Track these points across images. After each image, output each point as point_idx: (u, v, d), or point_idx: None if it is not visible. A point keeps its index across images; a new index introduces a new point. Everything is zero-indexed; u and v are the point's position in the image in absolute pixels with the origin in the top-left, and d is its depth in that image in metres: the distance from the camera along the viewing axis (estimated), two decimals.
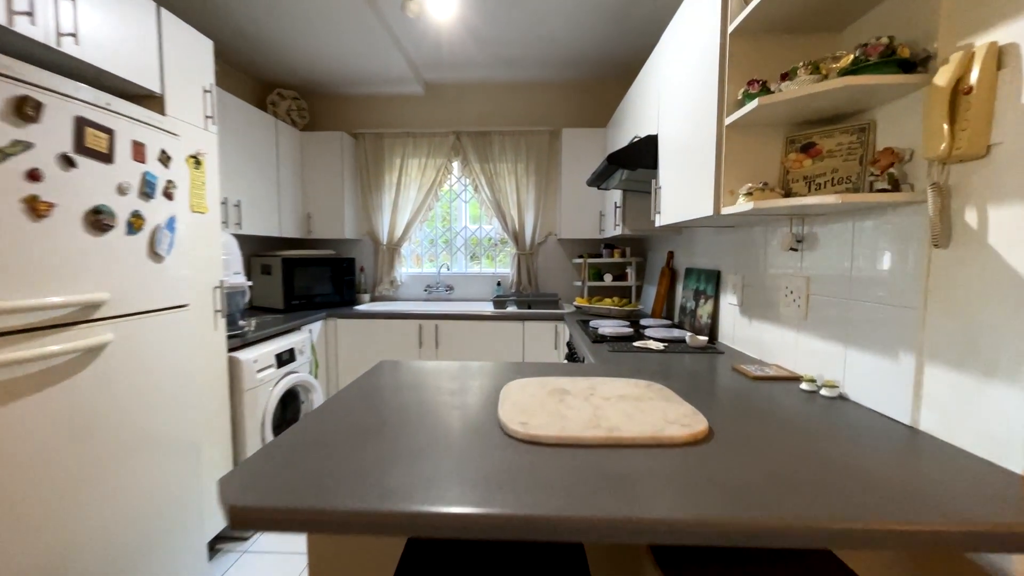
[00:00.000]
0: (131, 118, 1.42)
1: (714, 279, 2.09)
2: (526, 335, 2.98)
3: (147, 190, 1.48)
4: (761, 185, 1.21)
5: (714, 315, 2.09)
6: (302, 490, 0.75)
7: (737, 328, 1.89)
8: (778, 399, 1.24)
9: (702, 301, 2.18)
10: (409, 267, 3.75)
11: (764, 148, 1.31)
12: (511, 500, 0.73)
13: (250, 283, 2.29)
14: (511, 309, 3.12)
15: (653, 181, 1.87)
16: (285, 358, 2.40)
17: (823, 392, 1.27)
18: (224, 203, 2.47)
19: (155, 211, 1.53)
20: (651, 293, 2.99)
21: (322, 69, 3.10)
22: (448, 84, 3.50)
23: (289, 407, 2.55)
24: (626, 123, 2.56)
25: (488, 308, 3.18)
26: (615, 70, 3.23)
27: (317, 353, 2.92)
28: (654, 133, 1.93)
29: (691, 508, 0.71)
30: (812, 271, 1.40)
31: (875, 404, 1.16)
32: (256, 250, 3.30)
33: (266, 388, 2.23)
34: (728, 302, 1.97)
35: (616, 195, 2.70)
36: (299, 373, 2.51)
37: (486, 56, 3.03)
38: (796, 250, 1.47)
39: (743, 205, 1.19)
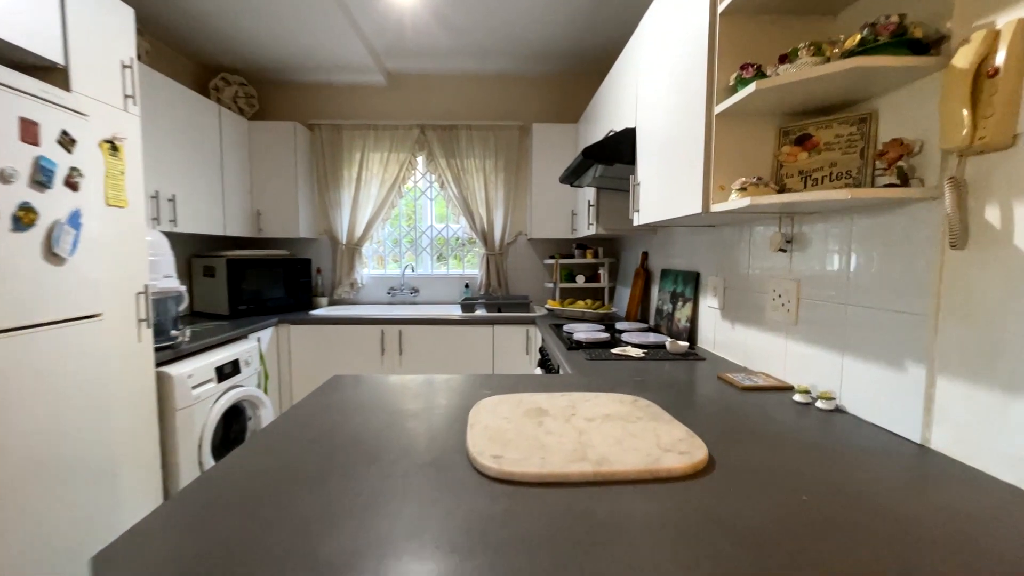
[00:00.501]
0: (16, 90, 1.18)
1: (692, 281, 2.00)
2: (496, 340, 2.83)
3: (41, 178, 1.23)
4: (755, 180, 1.10)
5: (693, 319, 2.00)
6: (204, 572, 0.56)
7: (719, 332, 1.79)
8: (772, 413, 1.14)
9: (680, 304, 2.09)
10: (371, 268, 3.52)
11: (756, 140, 1.20)
12: (484, 569, 0.57)
13: (183, 287, 2.03)
14: (480, 312, 2.95)
15: (631, 177, 1.76)
16: (228, 371, 2.15)
17: (819, 404, 1.18)
18: (155, 197, 2.20)
19: (53, 204, 1.28)
20: (625, 295, 2.89)
21: (272, 53, 2.84)
22: (412, 74, 3.30)
23: (234, 425, 2.30)
24: (600, 117, 2.45)
25: (456, 312, 3.00)
26: (587, 64, 3.12)
27: (267, 363, 2.66)
28: (631, 126, 1.82)
29: (703, 567, 0.57)
30: (803, 273, 1.31)
31: (878, 419, 1.07)
32: (199, 250, 3.00)
33: (204, 406, 1.98)
34: (708, 305, 1.88)
35: (589, 193, 2.59)
36: (245, 387, 2.26)
37: (452, 45, 2.85)
38: (785, 251, 1.38)
39: (737, 201, 1.08)
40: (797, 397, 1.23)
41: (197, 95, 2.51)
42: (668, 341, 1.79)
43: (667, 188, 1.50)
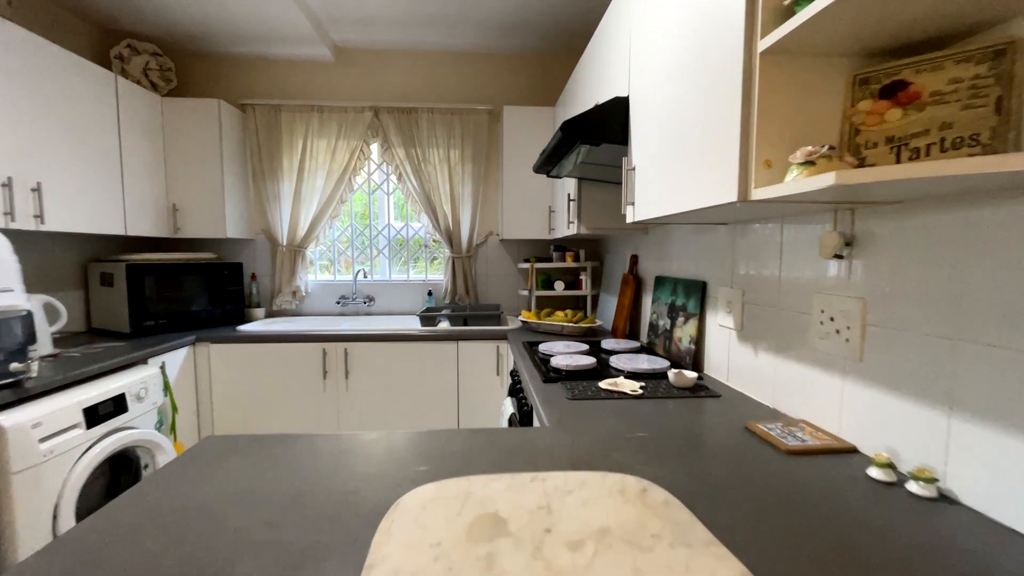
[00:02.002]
0: None
1: (697, 292, 1.61)
2: (461, 358, 2.40)
3: None
4: (825, 149, 0.71)
5: (699, 339, 1.62)
6: None
7: (735, 359, 1.41)
8: (845, 500, 0.75)
9: (681, 320, 1.70)
10: (318, 274, 3.04)
11: (818, 93, 0.81)
12: None
13: (47, 301, 1.53)
14: (443, 326, 2.52)
15: (624, 161, 1.36)
16: (105, 411, 1.66)
17: (912, 488, 0.79)
18: (6, 185, 1.69)
19: None
20: (611, 304, 2.50)
21: (192, 18, 2.35)
22: (364, 48, 2.84)
23: (123, 478, 1.80)
24: (581, 94, 2.05)
25: (414, 325, 2.56)
26: (565, 39, 2.72)
27: (178, 394, 2.16)
28: (623, 95, 1.42)
29: None
30: (872, 289, 0.92)
31: (1014, 517, 0.68)
32: (99, 254, 2.48)
33: (62, 462, 1.49)
34: (719, 323, 1.49)
35: (570, 185, 2.18)
36: (133, 430, 1.77)
37: (409, 12, 2.41)
38: (842, 257, 0.99)
39: (805, 182, 0.68)
40: (875, 472, 0.84)
41: (79, 59, 2.00)
42: (672, 372, 1.40)
43: (676, 172, 1.10)
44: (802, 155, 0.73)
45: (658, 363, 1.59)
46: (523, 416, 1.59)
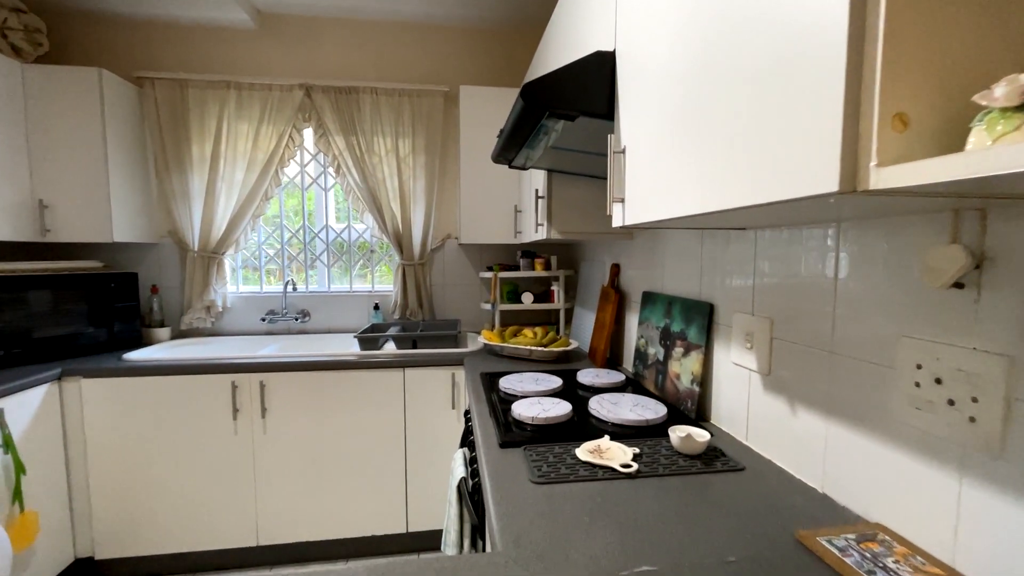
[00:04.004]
0: None
1: (702, 317, 1.24)
2: (409, 388, 1.97)
3: None
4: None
5: (704, 378, 1.25)
6: None
7: (758, 411, 1.04)
8: None
9: (679, 351, 1.33)
10: (242, 285, 2.55)
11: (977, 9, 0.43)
12: None
13: None
14: (388, 348, 2.08)
15: (609, 139, 0.98)
16: None
17: None
18: None
19: None
20: (586, 321, 2.12)
21: None
22: (293, 15, 2.37)
23: None
24: (553, 63, 1.65)
25: (351, 349, 2.11)
26: (531, 9, 2.33)
27: (29, 448, 1.65)
28: (607, 49, 1.03)
29: None
30: (1018, 341, 0.56)
31: None
32: None
33: None
34: (733, 360, 1.12)
35: (538, 179, 1.79)
36: None
37: None
38: (963, 286, 0.63)
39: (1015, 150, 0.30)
40: None
41: None
42: (676, 433, 1.02)
43: (697, 152, 0.71)
44: (1003, 90, 0.34)
45: (651, 409, 1.21)
46: (475, 488, 1.18)
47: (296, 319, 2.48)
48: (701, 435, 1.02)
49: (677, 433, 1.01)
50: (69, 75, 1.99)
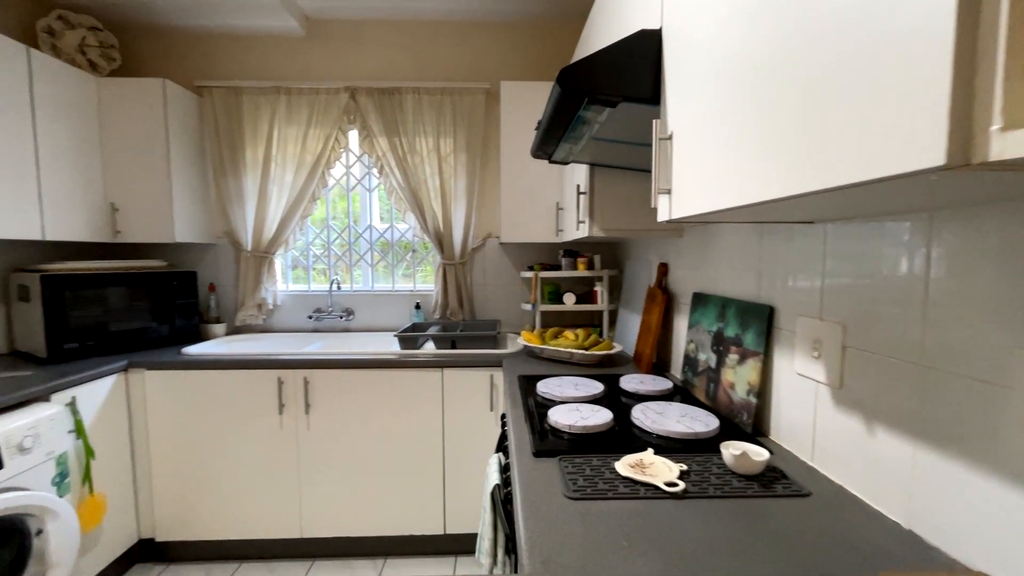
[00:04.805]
0: None
1: (760, 321, 1.13)
2: (447, 389, 1.95)
3: None
4: None
5: (763, 388, 1.13)
6: None
7: (827, 428, 0.92)
8: None
9: (733, 358, 1.21)
10: (292, 283, 2.64)
11: None
12: None
13: None
14: (427, 348, 2.07)
15: (655, 125, 0.89)
16: None
17: None
18: None
19: None
20: (631, 324, 2.02)
21: None
22: (339, 19, 2.42)
23: (5, 553, 1.41)
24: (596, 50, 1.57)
25: (391, 348, 2.12)
26: (572, 1, 2.24)
27: (98, 435, 1.77)
28: (652, 27, 0.94)
29: None
30: None
31: None
32: (24, 261, 2.11)
33: None
34: (797, 370, 1.00)
35: (579, 174, 1.71)
36: (13, 492, 1.37)
37: None
38: None
39: None
40: None
41: None
42: (729, 450, 0.91)
43: (760, 132, 0.62)
44: None
45: (701, 421, 1.11)
46: (507, 497, 1.12)
47: (341, 317, 2.53)
48: (759, 453, 0.91)
49: (730, 450, 0.91)
50: (137, 86, 2.12)
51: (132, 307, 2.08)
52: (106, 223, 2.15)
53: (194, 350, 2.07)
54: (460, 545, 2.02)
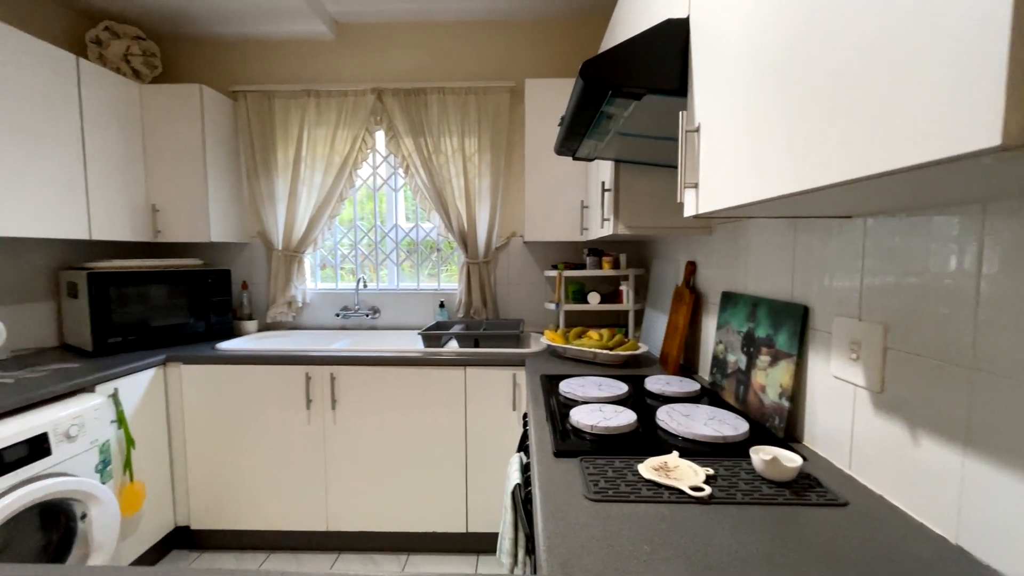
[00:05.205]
0: None
1: (793, 321, 1.08)
2: (470, 387, 1.95)
3: None
4: None
5: (796, 392, 1.08)
6: None
7: (865, 435, 0.87)
8: None
9: (764, 359, 1.17)
10: (320, 282, 2.70)
11: None
12: None
13: None
14: (451, 346, 2.08)
15: (681, 117, 0.86)
16: (17, 456, 1.34)
17: None
18: None
19: None
20: (658, 324, 1.97)
21: None
22: (366, 22, 2.46)
23: (49, 534, 1.49)
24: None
25: (416, 346, 2.14)
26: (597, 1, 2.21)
27: (138, 424, 1.85)
28: (679, 16, 0.91)
29: None
30: None
31: None
32: (72, 260, 2.23)
33: None
34: (833, 373, 0.95)
35: (604, 171, 1.68)
36: (59, 477, 1.44)
37: None
38: None
39: None
40: None
41: (29, 39, 1.72)
42: (760, 455, 0.87)
43: (797, 116, 0.59)
44: None
45: (730, 424, 1.07)
46: (528, 497, 1.11)
47: (367, 315, 2.57)
48: (791, 459, 0.87)
49: (761, 455, 0.87)
50: (176, 92, 2.22)
51: (171, 304, 2.17)
52: (147, 223, 2.25)
53: (227, 345, 2.14)
54: (482, 544, 2.01)
